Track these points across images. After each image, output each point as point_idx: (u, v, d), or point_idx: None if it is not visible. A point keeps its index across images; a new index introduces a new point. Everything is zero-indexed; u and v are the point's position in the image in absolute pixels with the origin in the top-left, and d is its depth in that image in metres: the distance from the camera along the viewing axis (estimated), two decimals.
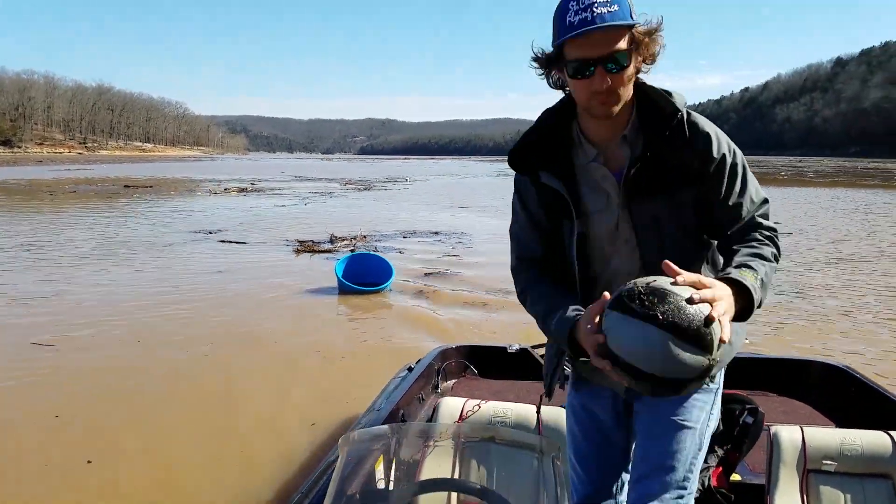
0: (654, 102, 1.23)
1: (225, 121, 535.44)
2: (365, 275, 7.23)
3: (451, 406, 1.90)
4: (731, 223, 1.26)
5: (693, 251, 1.28)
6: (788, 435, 1.70)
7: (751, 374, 2.73)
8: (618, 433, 1.41)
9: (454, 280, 7.90)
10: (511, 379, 2.74)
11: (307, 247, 10.27)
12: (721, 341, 1.01)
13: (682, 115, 1.22)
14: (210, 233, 12.20)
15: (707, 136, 1.23)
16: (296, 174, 43.29)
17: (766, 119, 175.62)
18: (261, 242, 11.03)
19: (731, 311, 1.07)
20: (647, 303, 1.02)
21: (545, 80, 1.27)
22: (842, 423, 2.30)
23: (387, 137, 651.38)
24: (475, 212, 17.64)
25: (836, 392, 2.52)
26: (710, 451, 1.85)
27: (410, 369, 2.54)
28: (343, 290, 7.07)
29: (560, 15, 1.14)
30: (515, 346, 2.81)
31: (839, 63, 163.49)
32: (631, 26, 1.14)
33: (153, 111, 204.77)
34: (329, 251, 9.97)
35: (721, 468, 1.88)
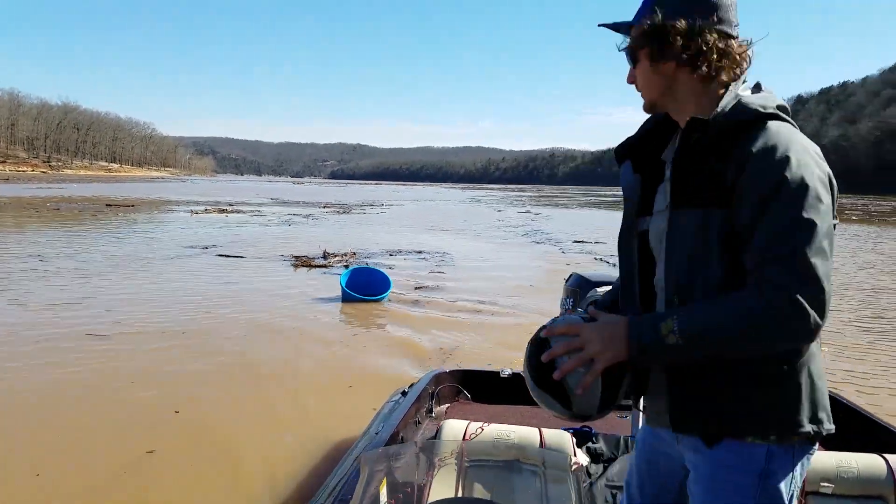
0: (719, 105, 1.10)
1: (193, 142, 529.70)
2: (366, 286, 8.12)
3: (455, 428, 1.93)
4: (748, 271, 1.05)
5: (721, 281, 1.08)
6: None
7: None
8: (675, 484, 1.28)
9: (442, 292, 8.85)
10: (504, 403, 2.74)
11: (303, 261, 11.12)
12: (577, 393, 1.07)
13: (725, 117, 1.07)
14: (205, 248, 12.92)
15: (755, 153, 1.03)
16: (271, 197, 43.86)
17: None
18: (257, 258, 11.81)
19: (603, 357, 1.07)
20: (531, 351, 1.15)
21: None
22: (833, 447, 2.34)
23: (357, 162, 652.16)
24: (453, 234, 18.69)
25: None
26: None
27: (404, 393, 2.52)
28: (346, 298, 7.93)
29: None
30: (508, 371, 2.80)
31: (799, 101, 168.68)
32: (638, 23, 1.14)
33: (120, 131, 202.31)
34: (324, 266, 10.83)
35: None
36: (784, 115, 1.11)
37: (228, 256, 11.74)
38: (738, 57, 1.12)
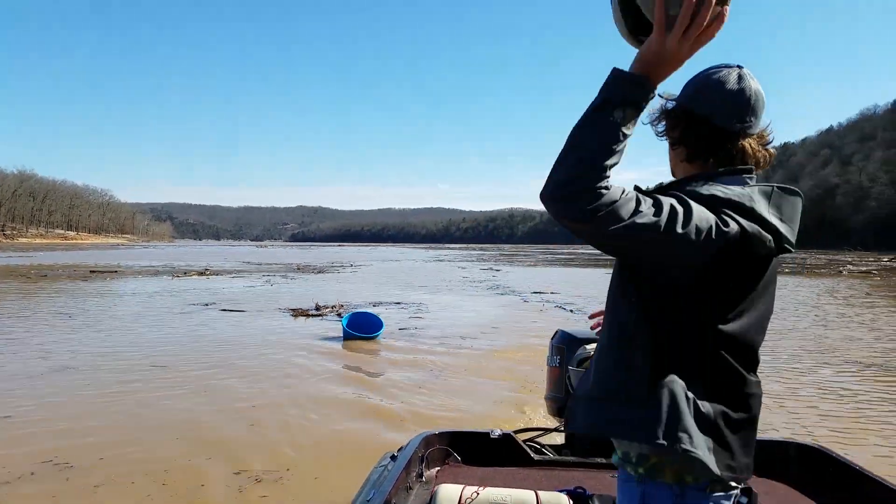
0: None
1: (150, 208, 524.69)
2: (363, 326, 9.95)
3: (449, 494, 1.93)
4: None
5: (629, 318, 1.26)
6: None
7: None
8: None
9: (423, 330, 10.75)
10: (495, 466, 2.68)
11: (300, 312, 12.87)
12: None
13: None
14: (206, 305, 14.52)
15: None
16: (242, 260, 45.14)
17: None
18: (257, 311, 13.49)
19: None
20: None
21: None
22: (822, 502, 2.35)
23: (318, 224, 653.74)
24: (424, 289, 20.63)
25: (814, 472, 2.55)
26: None
27: (393, 458, 2.47)
28: (347, 337, 9.73)
29: None
30: (498, 432, 2.73)
31: None
32: (662, 116, 1.30)
33: (77, 198, 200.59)
34: (319, 315, 12.62)
35: None
36: (717, 206, 1.16)
37: (232, 311, 13.40)
38: (735, 152, 1.25)
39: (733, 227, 1.11)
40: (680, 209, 1.07)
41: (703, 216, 1.09)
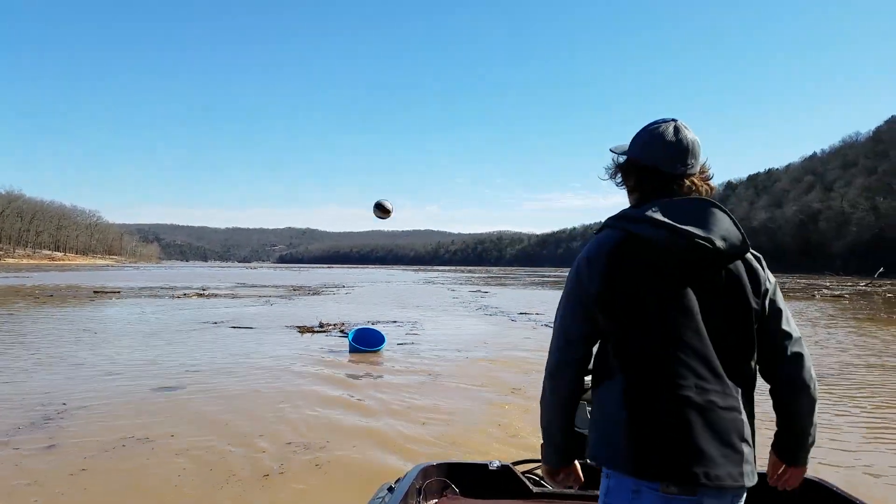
0: None
1: (137, 229, 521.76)
2: (367, 341, 11.08)
3: None
4: None
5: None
6: None
7: None
8: None
9: (420, 345, 11.90)
10: (493, 498, 2.65)
11: (305, 329, 13.98)
12: None
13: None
14: (215, 323, 15.56)
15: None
16: (236, 282, 46.01)
17: None
18: (264, 328, 14.56)
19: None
20: None
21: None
22: None
23: (307, 246, 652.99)
24: (417, 309, 21.78)
25: None
26: None
27: (391, 489, 2.44)
28: (353, 350, 10.85)
29: None
30: (496, 464, 2.70)
31: (730, 186, 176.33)
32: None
33: (65, 219, 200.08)
34: (323, 332, 13.73)
35: None
36: (613, 223, 1.44)
37: (241, 328, 14.47)
38: (674, 191, 1.43)
39: (617, 234, 1.41)
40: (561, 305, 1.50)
41: (569, 282, 1.49)
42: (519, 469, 2.67)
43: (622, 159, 1.50)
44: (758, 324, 1.41)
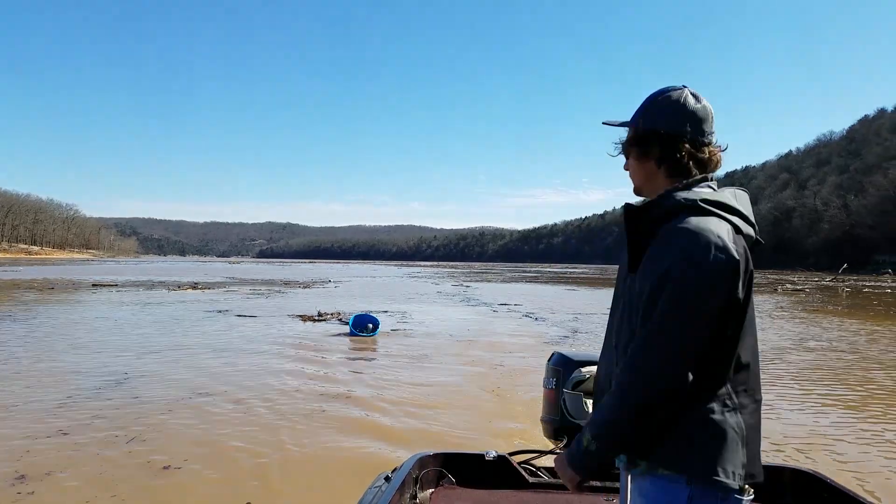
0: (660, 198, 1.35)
1: (115, 223, 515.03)
2: (364, 325, 12.58)
3: None
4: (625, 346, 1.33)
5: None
6: None
7: None
8: None
9: (410, 331, 13.43)
10: (489, 488, 2.61)
11: (306, 318, 15.43)
12: None
13: (667, 208, 1.31)
14: (219, 312, 16.93)
15: (659, 249, 1.28)
16: (225, 276, 47.10)
17: None
18: (267, 316, 15.96)
19: (572, 487, 1.35)
20: None
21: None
22: None
23: (287, 241, 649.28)
24: (404, 301, 23.32)
25: (808, 497, 2.56)
26: None
27: (387, 479, 2.41)
28: (352, 334, 12.35)
29: None
30: (493, 454, 2.66)
31: None
32: (629, 126, 1.42)
33: (41, 213, 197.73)
34: (323, 320, 15.20)
35: None
36: (706, 206, 1.28)
37: (246, 316, 15.86)
38: (704, 161, 1.36)
39: (725, 224, 1.27)
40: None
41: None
42: (515, 459, 2.70)
43: (641, 130, 1.39)
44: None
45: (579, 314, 18.64)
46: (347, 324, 13.23)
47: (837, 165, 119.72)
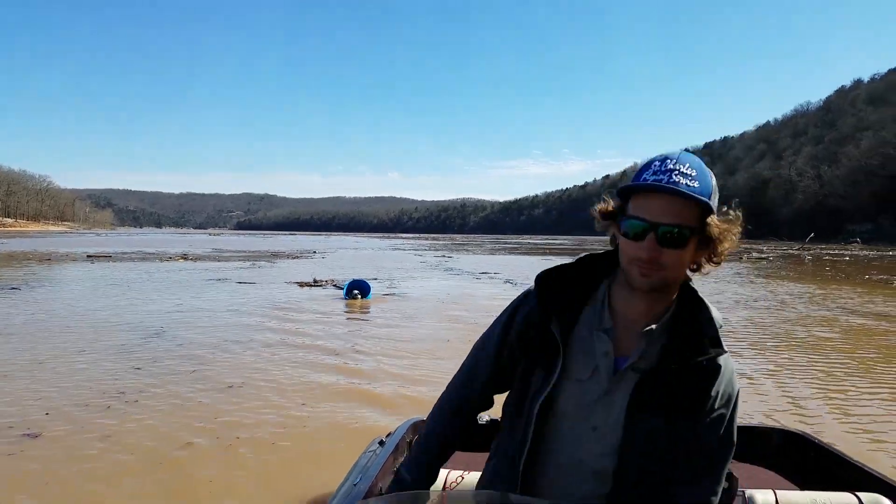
0: (698, 308, 1.16)
1: (89, 195, 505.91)
2: (357, 289, 13.97)
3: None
4: (673, 485, 1.17)
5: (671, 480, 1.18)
6: (763, 498, 1.75)
7: None
8: None
9: (400, 295, 14.86)
10: (481, 451, 2.31)
11: (304, 284, 16.75)
12: None
13: (714, 334, 1.15)
14: (218, 280, 18.16)
15: (716, 369, 1.16)
16: (211, 247, 47.94)
17: None
18: (266, 283, 17.24)
19: None
20: None
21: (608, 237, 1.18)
22: (805, 487, 2.36)
23: (266, 213, 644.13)
24: (390, 270, 24.72)
25: (797, 457, 2.59)
26: None
27: (382, 443, 2.43)
28: (347, 297, 13.75)
29: (640, 170, 1.12)
30: (486, 418, 2.65)
31: (686, 154, 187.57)
32: (706, 208, 1.09)
33: (14, 184, 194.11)
34: (320, 286, 16.54)
35: None
36: None
37: (246, 283, 17.13)
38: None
39: None
40: None
41: None
42: None
43: (712, 210, 1.13)
44: None
45: None
46: (342, 289, 14.62)
47: (813, 136, 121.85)
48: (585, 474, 1.18)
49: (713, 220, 1.10)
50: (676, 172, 1.08)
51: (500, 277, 21.23)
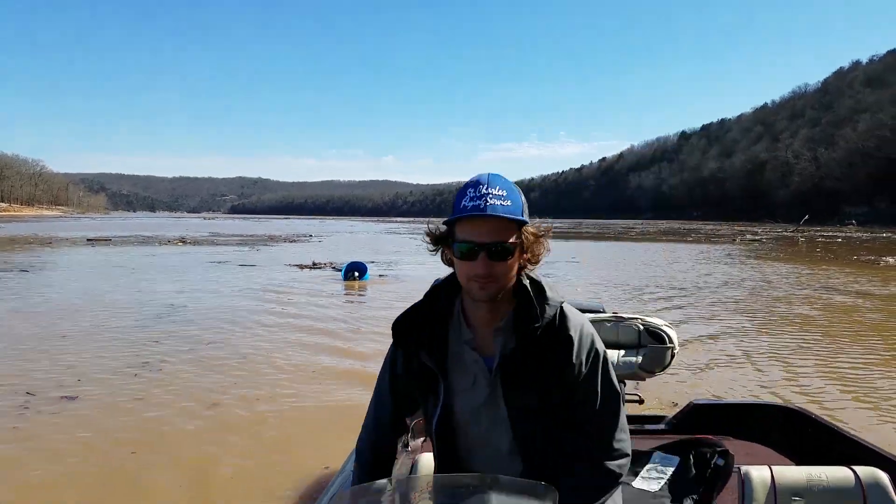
0: (531, 299, 1.30)
1: (81, 179, 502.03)
2: (355, 270, 14.39)
3: (429, 462, 1.95)
4: (579, 450, 1.32)
5: (570, 445, 1.32)
6: (758, 474, 1.77)
7: (712, 419, 2.92)
8: None
9: (398, 276, 15.28)
10: None
11: (303, 266, 17.15)
12: None
13: (554, 313, 1.30)
14: (219, 262, 18.53)
15: (568, 340, 1.28)
16: (208, 231, 48.18)
17: (620, 186, 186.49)
18: (266, 266, 17.64)
19: None
20: None
21: (439, 256, 1.36)
22: (801, 462, 2.37)
23: (259, 196, 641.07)
24: (388, 253, 25.12)
25: (795, 433, 2.61)
26: (686, 493, 2.03)
27: None
28: (345, 278, 14.17)
29: (458, 198, 1.26)
30: None
31: (683, 136, 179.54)
32: (521, 224, 1.25)
33: (7, 169, 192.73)
34: (319, 268, 16.95)
35: None
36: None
37: (247, 265, 17.52)
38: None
39: None
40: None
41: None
42: None
43: (522, 220, 1.28)
44: None
45: (544, 262, 20.72)
46: (340, 271, 15.05)
47: (810, 118, 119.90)
48: (501, 464, 1.33)
49: (527, 230, 1.27)
50: (490, 196, 1.21)
51: None
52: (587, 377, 1.30)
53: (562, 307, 1.32)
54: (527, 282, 1.33)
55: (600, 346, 1.33)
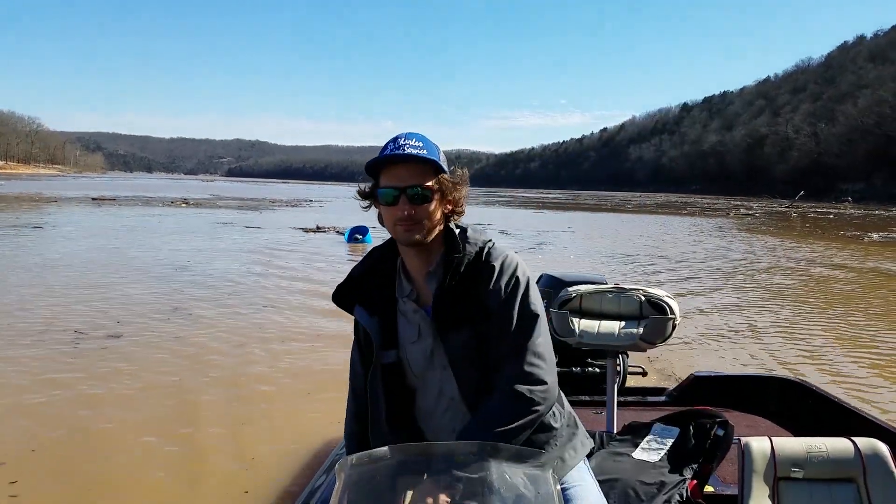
0: (457, 242, 1.34)
1: (77, 137, 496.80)
2: (358, 233, 15.00)
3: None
4: (494, 374, 1.33)
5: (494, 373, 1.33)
6: (758, 445, 1.78)
7: (712, 391, 2.96)
8: None
9: None
10: None
11: (308, 230, 17.76)
12: None
13: (476, 250, 1.35)
14: (225, 224, 19.09)
15: (490, 269, 1.32)
16: (210, 193, 48.59)
17: (620, 157, 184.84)
18: (271, 228, 18.21)
19: None
20: None
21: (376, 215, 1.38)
22: (802, 433, 2.35)
23: (257, 160, 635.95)
24: None
25: (795, 405, 2.63)
26: (685, 464, 2.05)
27: None
28: (349, 241, 14.78)
29: (380, 152, 1.31)
30: None
31: (685, 108, 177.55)
32: (436, 168, 1.31)
33: (3, 126, 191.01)
34: (323, 231, 17.56)
35: (696, 481, 2.01)
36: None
37: (253, 227, 18.09)
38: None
39: None
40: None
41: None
42: None
43: (443, 172, 1.34)
44: None
45: (541, 231, 21.44)
46: (344, 235, 15.66)
47: (812, 93, 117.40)
48: (455, 411, 1.37)
49: (443, 177, 1.32)
50: (406, 146, 1.28)
51: (495, 228, 22.25)
52: (504, 302, 1.31)
53: (488, 245, 1.37)
54: (455, 228, 1.38)
55: (523, 274, 1.35)
